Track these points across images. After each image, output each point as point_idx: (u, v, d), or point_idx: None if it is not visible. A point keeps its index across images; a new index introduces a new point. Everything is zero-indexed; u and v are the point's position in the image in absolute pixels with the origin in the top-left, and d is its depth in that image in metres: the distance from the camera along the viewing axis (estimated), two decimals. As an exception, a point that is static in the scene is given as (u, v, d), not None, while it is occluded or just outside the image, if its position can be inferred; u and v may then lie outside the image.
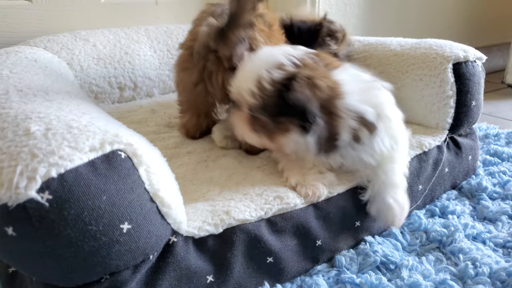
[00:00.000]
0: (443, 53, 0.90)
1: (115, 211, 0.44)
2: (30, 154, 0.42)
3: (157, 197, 0.49)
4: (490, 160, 1.06)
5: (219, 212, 0.60)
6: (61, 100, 0.61)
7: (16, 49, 0.95)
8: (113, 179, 0.44)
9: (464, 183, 0.94)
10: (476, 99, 0.90)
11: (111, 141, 0.46)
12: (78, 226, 0.41)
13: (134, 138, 0.51)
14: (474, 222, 0.80)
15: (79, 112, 0.54)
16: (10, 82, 0.66)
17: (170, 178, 0.57)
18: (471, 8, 2.09)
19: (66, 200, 0.40)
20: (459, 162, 0.93)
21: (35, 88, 0.65)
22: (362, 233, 0.73)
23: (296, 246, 0.65)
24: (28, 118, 0.49)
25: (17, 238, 0.40)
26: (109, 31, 1.20)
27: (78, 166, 0.42)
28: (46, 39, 1.10)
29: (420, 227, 0.78)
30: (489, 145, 1.16)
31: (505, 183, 0.93)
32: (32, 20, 1.19)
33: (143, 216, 0.47)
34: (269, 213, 0.62)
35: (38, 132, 0.45)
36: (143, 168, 0.48)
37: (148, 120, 1.02)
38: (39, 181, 0.39)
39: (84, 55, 1.10)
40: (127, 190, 0.46)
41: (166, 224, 0.52)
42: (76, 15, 1.26)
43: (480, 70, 0.92)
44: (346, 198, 0.70)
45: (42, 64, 0.87)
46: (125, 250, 0.46)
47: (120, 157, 0.46)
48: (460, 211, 0.84)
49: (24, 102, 0.56)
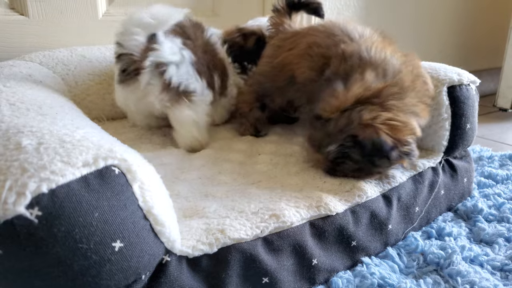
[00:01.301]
0: (437, 76, 0.91)
1: (107, 228, 0.43)
2: (20, 168, 0.40)
3: (151, 215, 0.48)
4: (484, 182, 1.06)
5: (213, 230, 0.58)
6: (54, 114, 0.60)
7: (11, 63, 0.95)
8: (106, 195, 0.43)
9: (459, 205, 0.94)
10: (470, 122, 0.91)
11: (105, 156, 0.45)
12: (68, 244, 0.40)
13: (128, 153, 0.50)
14: (471, 245, 0.79)
15: (72, 127, 0.53)
16: (3, 96, 0.65)
17: (164, 195, 0.55)
18: (462, 33, 2.13)
19: (57, 216, 0.39)
20: (455, 184, 0.92)
21: (28, 102, 0.63)
22: (358, 253, 0.72)
23: (292, 266, 0.64)
24: (20, 132, 0.48)
25: (2, 256, 0.38)
26: (105, 47, 1.20)
27: (70, 181, 0.41)
28: (42, 54, 1.09)
29: (416, 249, 0.77)
30: (483, 167, 1.16)
31: (500, 205, 0.93)
32: (29, 35, 1.19)
33: (136, 234, 0.46)
34: (265, 231, 0.61)
35: (29, 146, 0.44)
36: (137, 184, 0.47)
37: (143, 137, 1.01)
38: (29, 197, 0.38)
39: (79, 70, 1.10)
40: (120, 207, 0.44)
41: (160, 242, 0.50)
42: (73, 31, 1.26)
43: (474, 94, 0.93)
44: (342, 216, 0.69)
45: (37, 79, 0.87)
46: (117, 270, 0.45)
47: (114, 173, 0.45)
48: (457, 233, 0.83)
49: (16, 116, 0.55)
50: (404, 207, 0.79)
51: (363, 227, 0.72)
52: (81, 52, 1.15)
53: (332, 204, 0.68)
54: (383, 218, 0.75)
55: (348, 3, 1.65)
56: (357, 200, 0.72)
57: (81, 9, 1.26)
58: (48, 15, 1.20)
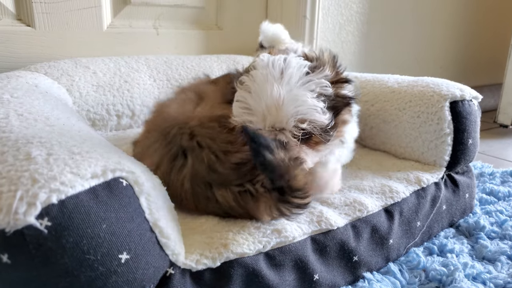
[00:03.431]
0: (440, 92, 0.91)
1: (115, 240, 0.43)
2: (31, 179, 0.41)
3: (157, 227, 0.48)
4: (486, 198, 1.06)
5: (216, 244, 0.58)
6: (62, 125, 0.60)
7: (17, 73, 0.95)
8: (113, 207, 0.43)
9: (461, 221, 0.94)
10: (472, 138, 0.91)
11: (113, 168, 0.45)
12: (75, 255, 0.40)
13: (135, 166, 0.50)
14: (474, 262, 0.79)
15: (80, 138, 0.53)
16: (11, 107, 0.65)
17: (169, 207, 0.56)
18: (463, 49, 2.16)
19: (66, 227, 0.39)
20: (457, 199, 0.92)
21: (35, 113, 0.64)
22: (360, 268, 0.72)
23: (294, 281, 0.64)
24: (29, 142, 0.48)
25: (11, 266, 0.39)
26: (109, 59, 1.21)
27: (79, 192, 0.41)
28: (47, 65, 1.10)
29: (418, 265, 0.77)
30: (485, 183, 1.17)
31: (502, 223, 0.93)
32: (34, 46, 1.20)
33: (142, 246, 0.46)
34: (267, 246, 0.61)
35: (39, 157, 0.44)
36: (144, 196, 0.47)
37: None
38: (39, 207, 0.38)
39: (83, 82, 1.11)
40: (128, 219, 0.44)
41: (165, 255, 0.50)
42: (78, 42, 1.27)
43: (476, 109, 0.93)
44: (343, 231, 0.69)
45: (43, 90, 0.87)
46: (122, 282, 0.45)
47: (122, 185, 0.45)
48: (459, 250, 0.83)
49: (25, 127, 0.55)
50: (405, 221, 0.79)
51: (364, 242, 0.72)
52: (86, 63, 1.16)
53: (332, 218, 0.69)
54: (384, 232, 0.75)
55: (350, 18, 1.67)
56: (357, 214, 0.72)
57: (86, 21, 1.27)
58: (54, 27, 1.22)
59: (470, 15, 2.11)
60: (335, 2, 1.60)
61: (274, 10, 1.63)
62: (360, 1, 1.67)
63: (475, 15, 2.13)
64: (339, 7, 1.62)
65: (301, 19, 1.56)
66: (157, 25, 1.42)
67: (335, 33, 1.65)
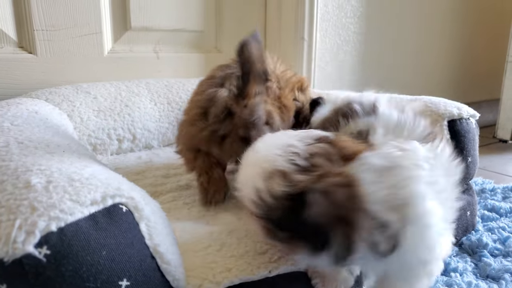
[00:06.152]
0: (437, 110, 0.92)
1: (114, 267, 0.43)
2: (29, 207, 0.41)
3: (157, 253, 0.48)
4: (488, 215, 1.05)
5: (220, 269, 0.58)
6: (62, 152, 0.61)
7: (17, 101, 0.97)
8: (113, 233, 0.43)
9: (464, 239, 0.93)
10: (472, 155, 0.91)
11: (112, 195, 0.46)
12: (75, 283, 0.40)
13: (135, 191, 0.50)
14: (478, 281, 0.78)
15: (80, 165, 0.54)
16: (11, 135, 0.66)
17: (170, 232, 0.55)
18: (460, 65, 2.18)
19: (65, 255, 0.39)
20: (459, 217, 0.91)
21: (36, 140, 0.65)
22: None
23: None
24: (28, 170, 0.49)
25: (10, 296, 0.38)
26: (110, 84, 1.23)
27: (78, 219, 0.41)
28: (48, 91, 1.11)
29: (422, 285, 0.76)
30: (486, 200, 1.16)
31: (505, 240, 0.92)
32: (36, 73, 1.22)
33: (143, 273, 0.46)
34: (274, 272, 0.60)
35: (38, 185, 0.45)
36: (144, 222, 0.47)
37: (146, 172, 1.01)
38: (38, 235, 0.38)
39: (84, 107, 1.12)
40: (127, 245, 0.44)
41: (165, 281, 0.50)
42: (79, 68, 1.29)
43: (474, 127, 0.94)
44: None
45: (43, 116, 0.88)
46: (122, 309, 0.44)
47: (122, 211, 0.45)
48: (463, 269, 0.82)
49: (24, 155, 0.56)
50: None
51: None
52: (86, 88, 1.17)
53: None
54: (388, 252, 0.74)
55: (347, 38, 1.69)
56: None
57: (87, 47, 1.29)
58: (55, 54, 1.23)
59: (467, 33, 2.14)
60: (332, 23, 1.63)
61: (272, 32, 1.65)
62: (357, 22, 1.70)
63: (472, 33, 2.16)
64: (336, 28, 1.65)
65: (299, 41, 1.58)
66: (157, 49, 1.44)
67: (333, 54, 1.67)
